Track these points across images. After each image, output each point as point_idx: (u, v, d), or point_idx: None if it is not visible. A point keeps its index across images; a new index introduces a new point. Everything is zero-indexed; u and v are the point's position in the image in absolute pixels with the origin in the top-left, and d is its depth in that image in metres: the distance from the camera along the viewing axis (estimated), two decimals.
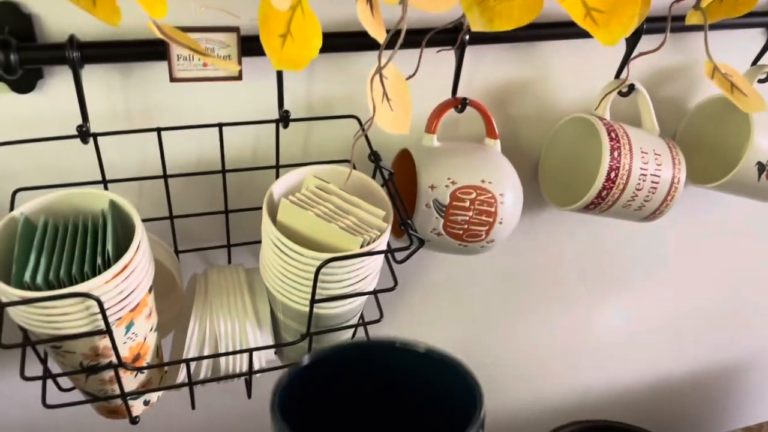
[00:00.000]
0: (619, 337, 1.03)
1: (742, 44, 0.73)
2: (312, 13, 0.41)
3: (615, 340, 1.04)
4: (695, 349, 1.13)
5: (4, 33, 0.50)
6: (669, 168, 0.67)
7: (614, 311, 0.98)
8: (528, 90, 0.69)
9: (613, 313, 0.98)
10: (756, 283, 1.06)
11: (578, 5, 0.42)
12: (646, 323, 1.03)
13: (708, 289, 1.02)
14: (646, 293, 0.98)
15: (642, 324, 1.03)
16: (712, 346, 1.13)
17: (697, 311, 1.05)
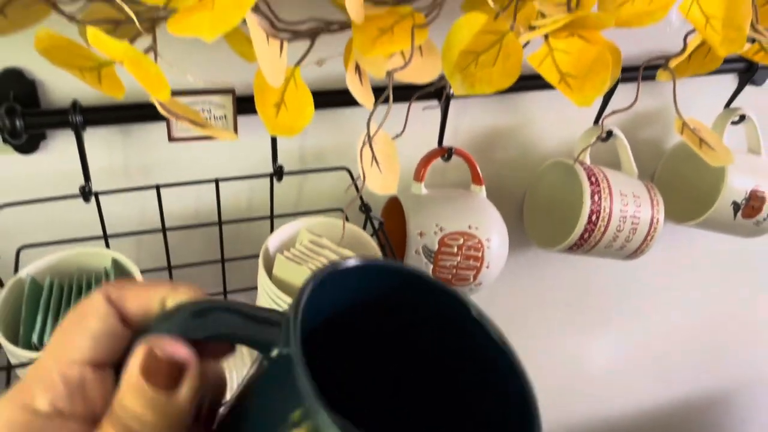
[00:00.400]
0: (604, 372, 1.05)
1: (716, 88, 0.77)
2: (304, 85, 0.44)
3: (601, 375, 1.06)
4: (680, 382, 1.15)
5: (9, 99, 0.52)
6: (648, 209, 0.70)
7: (600, 347, 1.00)
8: (511, 137, 0.72)
9: (599, 348, 1.00)
10: (737, 315, 1.08)
11: (553, 71, 0.45)
12: (631, 358, 1.06)
13: (691, 322, 1.05)
14: (631, 328, 1.01)
15: (627, 358, 1.05)
16: (696, 378, 1.16)
17: (681, 344, 1.08)
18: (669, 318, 1.03)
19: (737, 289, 1.04)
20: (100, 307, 0.22)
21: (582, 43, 0.44)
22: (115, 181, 0.59)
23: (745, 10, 0.44)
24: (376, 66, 0.43)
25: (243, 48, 0.47)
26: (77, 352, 0.21)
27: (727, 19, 0.45)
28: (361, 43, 0.42)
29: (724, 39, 0.45)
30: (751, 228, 0.76)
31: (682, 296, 1.00)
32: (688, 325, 1.05)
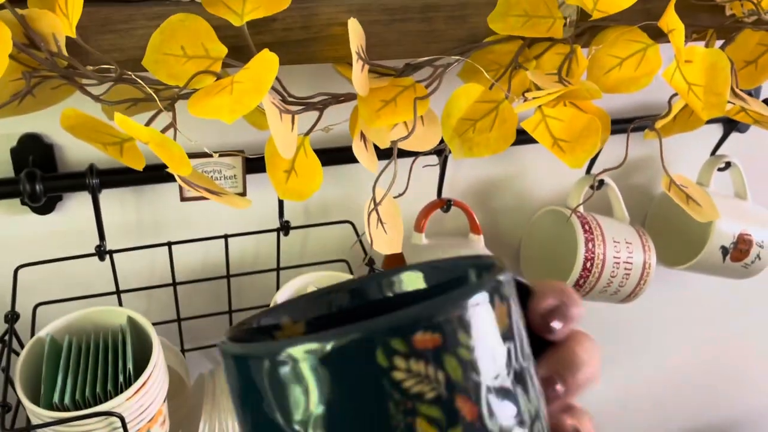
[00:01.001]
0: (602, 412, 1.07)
1: (702, 136, 0.80)
2: (313, 154, 0.47)
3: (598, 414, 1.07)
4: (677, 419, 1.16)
5: (28, 163, 0.55)
6: (640, 254, 0.72)
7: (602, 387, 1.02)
8: (506, 187, 0.75)
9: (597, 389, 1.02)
10: (731, 353, 1.10)
11: (546, 135, 0.48)
12: (629, 397, 1.07)
13: (687, 360, 1.07)
14: (629, 368, 1.03)
15: (626, 398, 1.07)
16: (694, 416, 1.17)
17: (678, 383, 1.09)
18: (665, 357, 1.05)
19: (731, 327, 1.06)
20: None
21: (573, 110, 0.47)
22: (128, 238, 0.61)
23: (724, 78, 0.48)
24: (380, 136, 0.46)
25: (253, 118, 0.49)
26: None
27: (707, 86, 0.48)
28: (366, 115, 0.45)
29: (706, 104, 0.48)
30: (740, 271, 0.78)
31: (677, 336, 1.02)
32: (684, 364, 1.07)
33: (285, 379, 0.19)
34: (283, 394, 0.19)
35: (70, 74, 0.39)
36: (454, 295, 0.20)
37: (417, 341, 0.19)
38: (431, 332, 0.19)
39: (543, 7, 0.49)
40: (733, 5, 0.53)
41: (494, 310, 0.21)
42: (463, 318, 0.19)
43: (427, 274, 0.27)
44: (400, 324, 0.19)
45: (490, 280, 0.21)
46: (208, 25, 0.42)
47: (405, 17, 0.47)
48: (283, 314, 0.26)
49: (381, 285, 0.27)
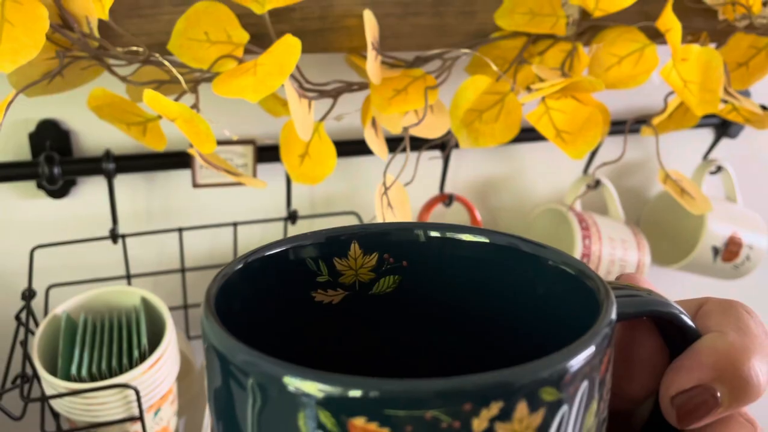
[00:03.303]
0: None
1: (694, 141, 0.83)
2: (328, 138, 0.49)
3: None
4: None
5: (46, 148, 0.57)
6: (634, 252, 0.75)
7: None
8: (506, 184, 0.77)
9: None
10: None
11: (550, 127, 0.50)
12: None
13: None
14: None
15: None
16: None
17: None
18: None
19: None
20: None
21: (575, 103, 0.49)
22: (139, 223, 0.63)
23: (718, 76, 0.50)
24: (393, 122, 0.48)
25: (269, 104, 0.51)
26: None
27: (702, 83, 0.51)
28: (378, 102, 0.47)
29: (700, 101, 0.51)
30: (730, 271, 0.81)
31: None
32: None
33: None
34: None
35: (101, 55, 0.41)
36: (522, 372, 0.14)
37: (353, 427, 0.13)
38: (379, 424, 0.13)
39: (547, 5, 0.52)
40: (726, 9, 0.56)
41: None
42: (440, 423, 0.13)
43: (502, 250, 0.21)
44: (333, 395, 0.13)
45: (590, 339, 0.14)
46: (231, 12, 0.44)
47: (417, 11, 0.49)
48: (312, 243, 0.21)
49: (445, 241, 0.22)
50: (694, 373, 0.17)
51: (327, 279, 0.22)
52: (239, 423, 0.16)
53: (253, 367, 0.14)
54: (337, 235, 0.21)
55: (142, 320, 0.52)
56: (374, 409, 0.13)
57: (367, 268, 0.22)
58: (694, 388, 0.17)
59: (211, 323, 0.16)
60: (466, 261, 0.22)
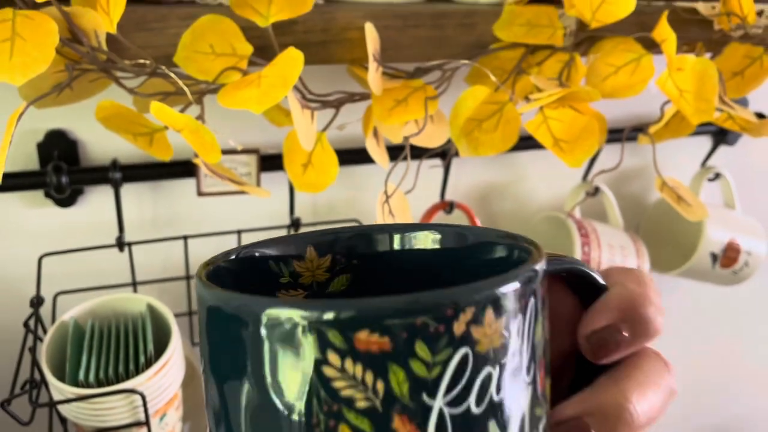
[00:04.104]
0: None
1: (692, 148, 0.84)
2: (330, 148, 0.50)
3: None
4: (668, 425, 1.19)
5: (53, 157, 0.58)
6: (633, 259, 0.76)
7: None
8: (506, 192, 0.78)
9: None
10: (723, 359, 1.13)
11: (548, 136, 0.51)
12: None
13: (682, 362, 1.10)
14: None
15: None
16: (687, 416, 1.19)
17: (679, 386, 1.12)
18: None
19: (724, 333, 1.09)
20: None
21: (573, 112, 0.50)
22: (144, 231, 0.64)
23: (713, 85, 0.51)
24: (393, 132, 0.49)
25: (272, 114, 0.53)
26: None
27: (697, 92, 0.52)
28: (379, 113, 0.48)
29: (696, 110, 0.52)
30: (729, 277, 0.82)
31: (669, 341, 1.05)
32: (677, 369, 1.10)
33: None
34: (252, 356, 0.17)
35: (109, 67, 0.42)
36: (428, 297, 0.16)
37: (358, 340, 0.16)
38: (379, 334, 0.16)
39: (545, 17, 0.53)
40: (721, 20, 0.57)
41: (494, 318, 0.17)
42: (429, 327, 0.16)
43: (446, 238, 0.24)
44: (341, 316, 0.16)
45: (490, 285, 0.17)
46: (235, 26, 0.45)
47: (417, 23, 0.50)
48: (274, 248, 0.24)
49: (392, 237, 0.24)
50: (603, 315, 0.20)
51: (288, 280, 0.24)
52: (252, 373, 0.17)
53: (265, 307, 0.17)
54: (295, 240, 0.24)
55: (148, 327, 0.53)
56: (375, 321, 0.16)
57: (322, 269, 0.24)
58: (605, 327, 0.20)
59: (215, 289, 0.18)
60: (415, 254, 0.24)
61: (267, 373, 0.17)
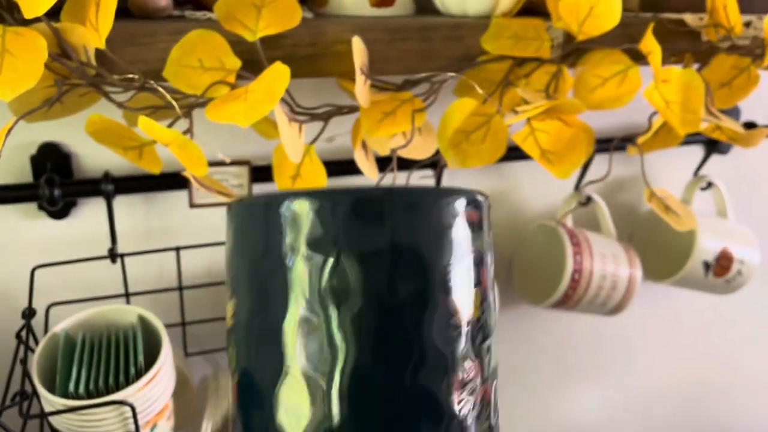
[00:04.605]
0: (596, 426, 1.09)
1: (684, 157, 0.84)
2: (318, 160, 0.50)
3: (591, 426, 1.09)
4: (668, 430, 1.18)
5: (46, 170, 0.58)
6: (626, 268, 0.76)
7: (590, 401, 1.04)
8: (498, 202, 0.78)
9: (590, 402, 1.04)
10: (719, 367, 1.13)
11: (535, 147, 0.52)
12: (619, 412, 1.09)
13: (675, 375, 1.10)
14: (618, 382, 1.05)
15: (614, 412, 1.09)
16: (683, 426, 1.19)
17: (666, 393, 1.12)
18: (653, 372, 1.07)
19: (718, 342, 1.09)
20: None
21: (560, 124, 0.51)
22: (137, 243, 0.64)
23: (699, 96, 0.51)
24: (381, 144, 0.49)
25: (262, 127, 0.53)
26: None
27: (683, 104, 0.52)
28: (367, 125, 0.48)
29: (682, 120, 0.52)
30: (723, 286, 0.82)
31: (664, 349, 1.05)
32: (672, 379, 1.10)
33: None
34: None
35: (98, 82, 0.43)
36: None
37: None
38: None
39: (532, 30, 0.53)
40: (708, 31, 0.57)
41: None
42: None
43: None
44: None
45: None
46: (223, 40, 0.46)
47: (405, 36, 0.51)
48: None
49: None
50: None
51: None
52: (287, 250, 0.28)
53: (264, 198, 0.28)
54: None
55: (139, 338, 0.53)
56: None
57: None
58: None
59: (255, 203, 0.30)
60: None
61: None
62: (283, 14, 0.46)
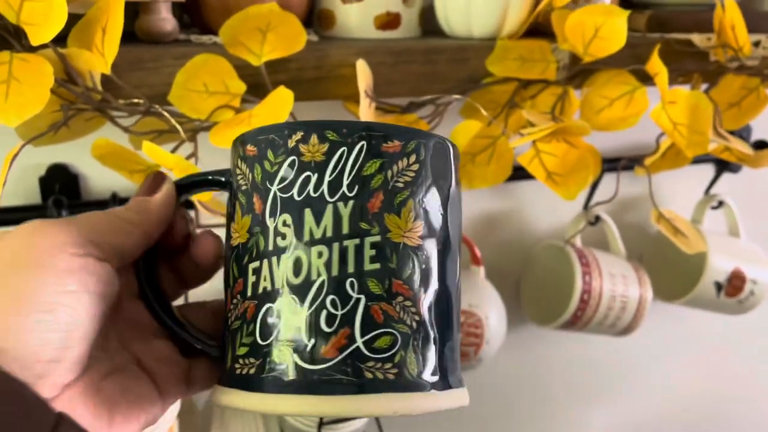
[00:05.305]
0: None
1: (695, 176, 0.83)
2: None
3: None
4: None
5: (55, 191, 0.59)
6: (636, 288, 0.75)
7: (599, 421, 1.03)
8: (507, 221, 0.78)
9: (599, 422, 1.03)
10: (731, 387, 1.11)
11: (540, 169, 0.52)
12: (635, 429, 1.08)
13: (686, 395, 1.08)
14: (630, 403, 1.04)
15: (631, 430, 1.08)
16: None
17: (679, 415, 1.10)
18: (665, 392, 1.06)
19: (730, 361, 1.08)
20: None
21: (565, 146, 0.51)
22: None
23: (706, 117, 0.51)
24: None
25: None
26: None
27: (691, 125, 0.52)
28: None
29: (690, 142, 0.52)
30: (735, 306, 0.81)
31: (676, 370, 1.04)
32: (683, 398, 1.08)
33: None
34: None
35: (103, 107, 0.43)
36: (281, 126, 0.27)
37: (247, 150, 0.28)
38: (253, 145, 0.27)
39: (537, 51, 0.53)
40: (716, 51, 0.57)
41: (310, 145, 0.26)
42: (275, 142, 0.27)
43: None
44: (246, 136, 0.28)
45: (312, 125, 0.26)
46: (228, 65, 0.46)
47: (410, 59, 0.51)
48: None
49: None
50: None
51: None
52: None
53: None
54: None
55: None
56: (252, 138, 0.28)
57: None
58: None
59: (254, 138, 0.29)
60: None
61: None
62: (288, 38, 0.46)
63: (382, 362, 0.25)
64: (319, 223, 0.25)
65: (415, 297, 0.26)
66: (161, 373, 0.29)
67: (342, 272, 0.25)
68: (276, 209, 0.26)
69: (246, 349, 0.26)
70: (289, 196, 0.26)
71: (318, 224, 0.25)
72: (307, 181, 0.26)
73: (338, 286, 0.25)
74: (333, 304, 0.25)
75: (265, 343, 0.25)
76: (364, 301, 0.25)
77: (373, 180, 0.26)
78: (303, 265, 0.25)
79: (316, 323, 0.25)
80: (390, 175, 0.26)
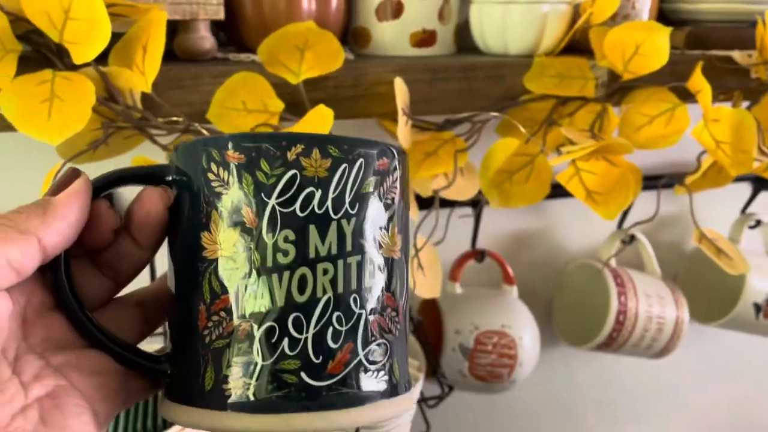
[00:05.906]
0: None
1: (732, 195, 0.82)
2: None
3: None
4: None
5: None
6: (672, 309, 0.73)
7: None
8: (539, 239, 0.77)
9: None
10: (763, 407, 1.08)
11: (580, 188, 0.51)
12: None
13: (722, 417, 1.05)
14: (660, 423, 1.01)
15: None
16: None
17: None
18: (700, 415, 1.03)
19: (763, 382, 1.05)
20: None
21: (606, 164, 0.50)
22: None
23: (751, 136, 0.50)
24: (423, 186, 0.49)
25: None
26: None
27: (734, 143, 0.50)
28: (410, 166, 0.48)
29: (734, 161, 0.50)
30: None
31: (712, 393, 1.01)
32: (719, 423, 1.05)
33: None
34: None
35: (143, 125, 0.43)
36: (276, 136, 0.26)
37: (228, 155, 0.25)
38: (239, 152, 0.25)
39: (576, 68, 0.52)
40: (758, 69, 0.56)
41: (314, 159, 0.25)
42: (270, 152, 0.25)
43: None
44: (219, 141, 0.26)
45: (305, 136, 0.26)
46: (266, 83, 0.46)
47: (446, 77, 0.50)
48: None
49: None
50: None
51: None
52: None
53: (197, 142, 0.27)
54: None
55: None
56: (238, 144, 0.25)
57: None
58: None
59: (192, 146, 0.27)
60: None
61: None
62: (325, 57, 0.46)
63: (377, 372, 0.26)
64: (324, 240, 0.25)
65: (398, 307, 0.27)
66: (93, 389, 0.26)
67: (346, 289, 0.25)
68: (275, 224, 0.25)
69: (239, 369, 0.25)
70: (290, 211, 0.25)
71: (323, 241, 0.25)
72: (311, 196, 0.25)
73: (343, 303, 0.25)
74: (339, 320, 0.25)
75: (267, 363, 0.24)
76: (364, 315, 0.26)
77: (371, 197, 0.26)
78: (308, 282, 0.25)
79: (322, 340, 0.25)
80: (381, 193, 0.27)
